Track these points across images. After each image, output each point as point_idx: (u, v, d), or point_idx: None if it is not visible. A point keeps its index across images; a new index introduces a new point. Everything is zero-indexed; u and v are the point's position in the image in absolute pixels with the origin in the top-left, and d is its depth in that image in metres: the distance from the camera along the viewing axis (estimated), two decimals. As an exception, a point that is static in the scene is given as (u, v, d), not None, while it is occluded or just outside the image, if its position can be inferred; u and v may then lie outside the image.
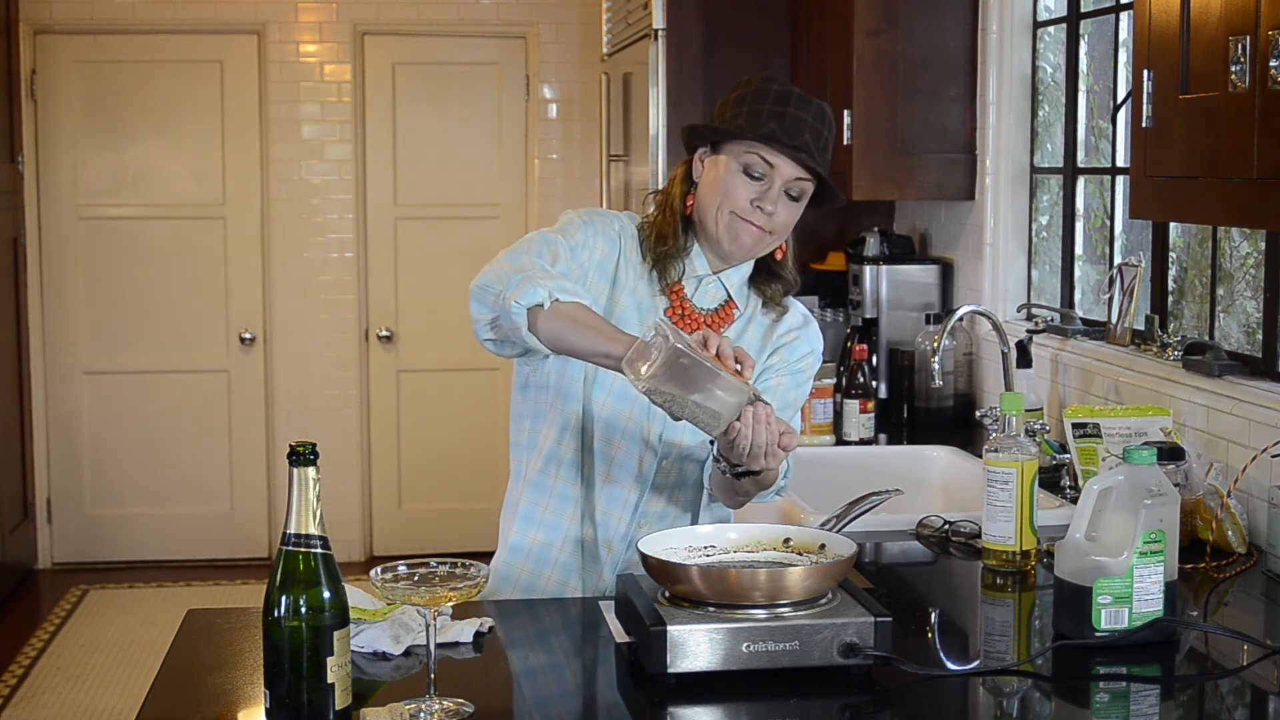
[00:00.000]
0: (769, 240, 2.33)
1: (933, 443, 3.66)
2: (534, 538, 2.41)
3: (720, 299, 2.40)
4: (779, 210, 2.29)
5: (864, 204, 4.49)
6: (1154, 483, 2.09)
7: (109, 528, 6.40)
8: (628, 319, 2.33)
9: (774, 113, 2.27)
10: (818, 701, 1.88)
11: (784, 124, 2.26)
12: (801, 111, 2.27)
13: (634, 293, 2.36)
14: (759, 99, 2.29)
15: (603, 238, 2.35)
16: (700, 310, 2.38)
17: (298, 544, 1.73)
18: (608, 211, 2.43)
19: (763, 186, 2.28)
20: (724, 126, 2.29)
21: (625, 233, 2.39)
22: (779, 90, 2.29)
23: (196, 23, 6.25)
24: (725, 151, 2.30)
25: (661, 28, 4.51)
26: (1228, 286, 3.15)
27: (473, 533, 6.29)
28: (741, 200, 2.28)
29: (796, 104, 2.28)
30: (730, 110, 2.31)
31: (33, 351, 6.26)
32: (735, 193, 2.28)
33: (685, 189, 2.37)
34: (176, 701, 1.91)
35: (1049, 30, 3.91)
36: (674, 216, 2.35)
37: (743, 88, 2.33)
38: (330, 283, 6.39)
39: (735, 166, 2.28)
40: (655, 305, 2.36)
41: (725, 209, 2.29)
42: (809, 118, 2.28)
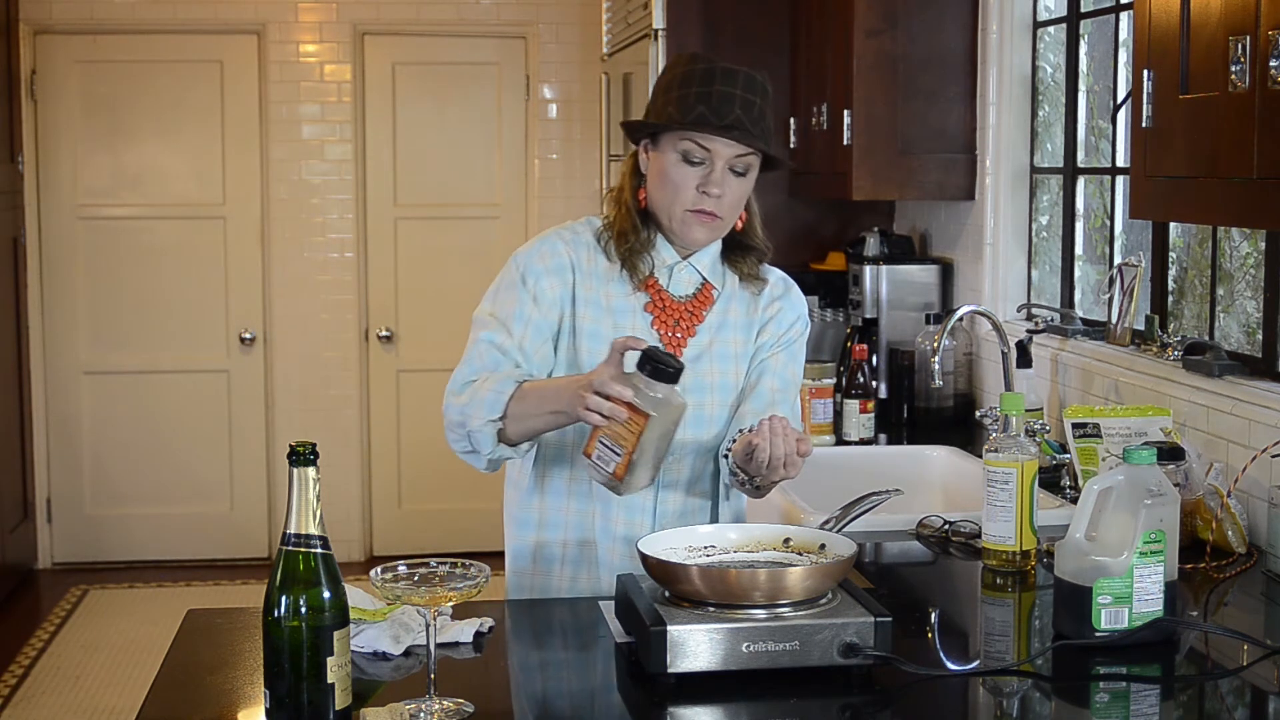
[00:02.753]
0: (722, 224, 2.34)
1: (933, 443, 3.65)
2: (554, 546, 2.40)
3: (696, 283, 2.41)
4: (726, 190, 2.30)
5: (864, 204, 4.49)
6: (1154, 483, 2.09)
7: (109, 528, 6.40)
8: (600, 331, 2.34)
9: (700, 95, 2.26)
10: (818, 701, 1.88)
11: (711, 104, 2.25)
12: (728, 87, 2.26)
13: (603, 299, 2.36)
14: (685, 83, 2.28)
15: (548, 274, 2.34)
16: (679, 298, 2.39)
17: (298, 544, 1.73)
18: (552, 235, 2.40)
19: (705, 170, 2.29)
20: (655, 120, 2.30)
21: (579, 245, 2.38)
22: (703, 70, 2.29)
23: (196, 23, 6.25)
24: (663, 142, 2.31)
25: (661, 28, 4.51)
26: (1228, 286, 3.15)
27: (473, 533, 6.28)
28: (688, 191, 2.29)
29: (722, 80, 2.27)
30: (660, 99, 2.32)
31: (33, 351, 6.26)
32: (681, 184, 2.29)
33: (635, 183, 2.38)
34: (176, 701, 1.91)
35: (1049, 30, 3.91)
36: (630, 213, 2.36)
37: (669, 73, 2.33)
38: (330, 283, 6.39)
39: (675, 156, 2.29)
40: (634, 303, 2.37)
41: (676, 205, 2.31)
42: (737, 91, 2.26)
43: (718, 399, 2.38)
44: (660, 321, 2.37)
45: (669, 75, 2.33)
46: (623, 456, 2.04)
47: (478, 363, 2.32)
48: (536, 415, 2.20)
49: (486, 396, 2.23)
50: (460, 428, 2.27)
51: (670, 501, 2.39)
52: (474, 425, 2.23)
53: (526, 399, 2.21)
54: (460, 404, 2.28)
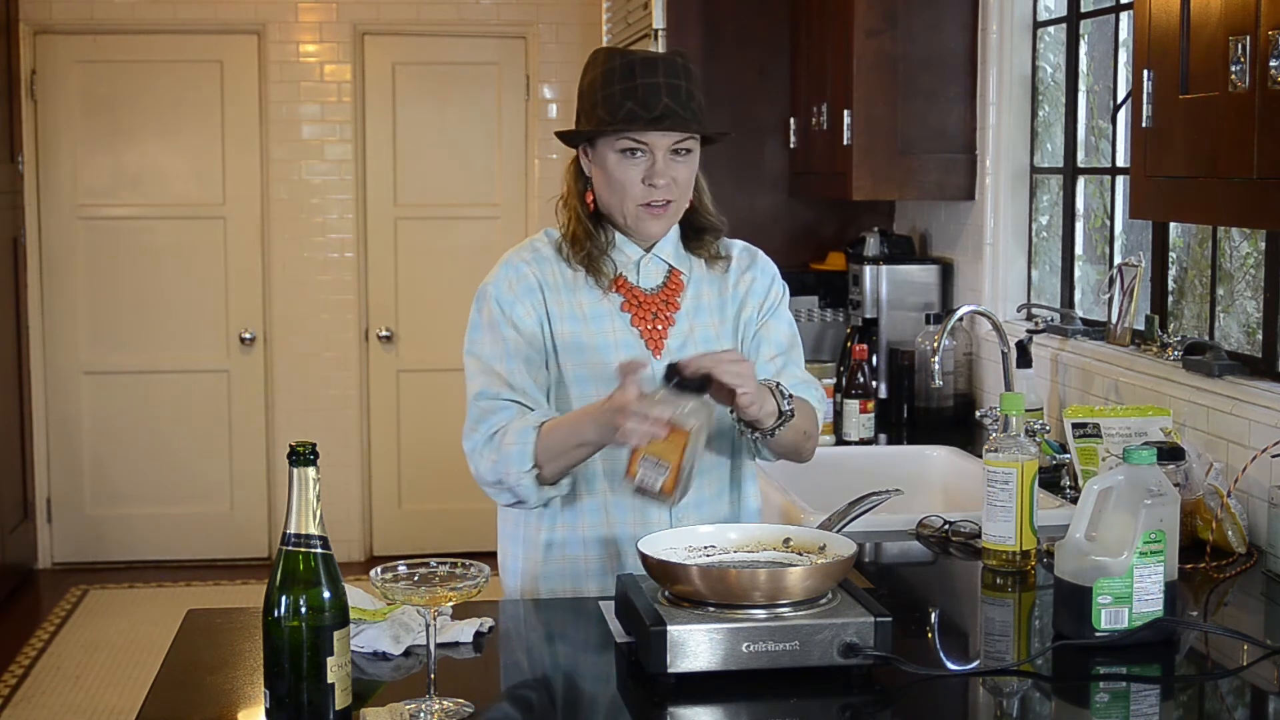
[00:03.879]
0: (676, 209, 2.36)
1: (933, 443, 3.65)
2: (575, 559, 2.39)
3: (663, 272, 2.42)
4: (673, 174, 2.31)
5: (864, 204, 4.49)
6: (1154, 483, 2.09)
7: (109, 528, 6.40)
8: (582, 342, 2.34)
9: (625, 91, 2.28)
10: (818, 701, 1.88)
11: (638, 98, 2.27)
12: (649, 78, 2.28)
13: (577, 309, 2.36)
14: (607, 82, 2.30)
15: (519, 301, 2.35)
16: (649, 290, 2.40)
17: (298, 544, 1.73)
18: (514, 259, 2.39)
19: (647, 162, 2.30)
20: (587, 124, 2.32)
21: (541, 262, 2.38)
22: (622, 65, 2.30)
23: (196, 23, 6.25)
24: (601, 144, 2.32)
25: (661, 28, 4.51)
26: (1228, 286, 3.15)
27: (473, 533, 6.28)
28: (635, 186, 2.31)
29: (642, 72, 2.29)
30: (587, 103, 2.33)
31: (33, 351, 6.26)
32: (626, 181, 2.31)
33: (581, 187, 2.39)
34: (176, 701, 1.91)
35: (1049, 30, 3.91)
36: (581, 218, 2.37)
37: (589, 74, 2.35)
38: (330, 283, 6.39)
39: (615, 156, 2.31)
40: (608, 306, 2.37)
41: (628, 203, 2.32)
42: (659, 79, 2.28)
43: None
44: (638, 318, 2.38)
45: (589, 76, 2.34)
46: (669, 472, 2.10)
47: (485, 421, 2.32)
48: (566, 452, 2.25)
49: (513, 451, 2.26)
50: (500, 485, 2.30)
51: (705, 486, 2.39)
52: (512, 481, 2.27)
53: (552, 439, 2.24)
54: (491, 464, 2.29)
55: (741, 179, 4.56)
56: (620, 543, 2.38)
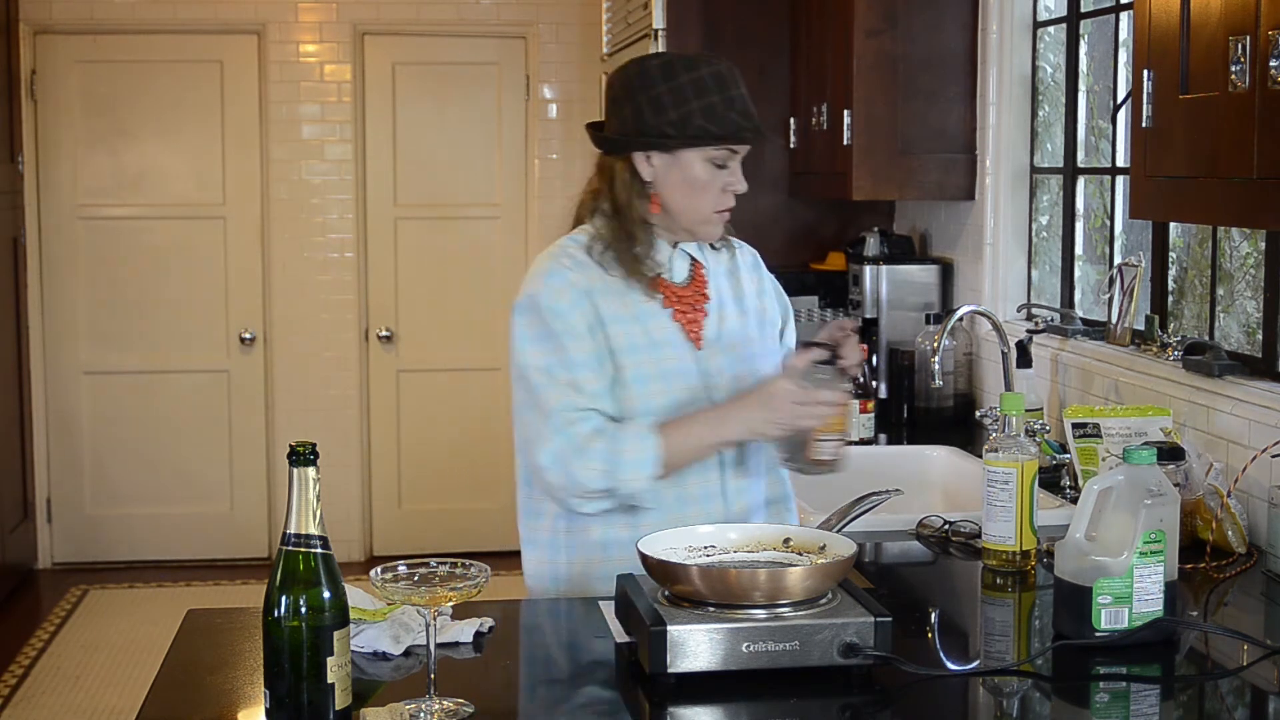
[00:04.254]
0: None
1: (933, 443, 3.65)
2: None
3: (688, 264, 2.46)
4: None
5: (864, 204, 4.49)
6: (1154, 483, 2.09)
7: (109, 528, 6.40)
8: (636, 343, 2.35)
9: (725, 102, 2.31)
10: (818, 701, 1.88)
11: (740, 110, 2.32)
12: (737, 87, 2.33)
13: (625, 310, 2.36)
14: (700, 92, 2.30)
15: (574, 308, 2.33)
16: (681, 284, 2.44)
17: (298, 544, 1.73)
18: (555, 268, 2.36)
19: (730, 173, 2.36)
20: (685, 135, 2.29)
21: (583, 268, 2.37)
22: (711, 74, 2.31)
23: (196, 23, 6.25)
24: (686, 151, 2.32)
25: (661, 28, 4.51)
26: (1228, 286, 3.15)
27: (473, 533, 6.29)
28: (716, 195, 2.36)
29: (731, 81, 2.33)
30: (674, 111, 2.29)
31: (33, 351, 6.26)
32: (711, 188, 2.35)
33: (640, 190, 2.36)
34: (176, 701, 1.91)
35: (1049, 30, 3.91)
36: (636, 224, 2.36)
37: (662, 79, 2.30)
38: (330, 283, 6.39)
39: (704, 164, 2.34)
40: (653, 305, 2.38)
41: (706, 208, 2.36)
42: (743, 89, 2.34)
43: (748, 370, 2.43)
44: (679, 313, 2.41)
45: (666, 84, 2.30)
46: (840, 440, 2.34)
47: (565, 433, 2.28)
48: (698, 452, 2.33)
49: (634, 459, 2.27)
50: (609, 494, 2.30)
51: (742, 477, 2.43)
52: (633, 487, 2.28)
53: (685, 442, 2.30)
54: (600, 473, 2.28)
55: (741, 179, 4.55)
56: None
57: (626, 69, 2.37)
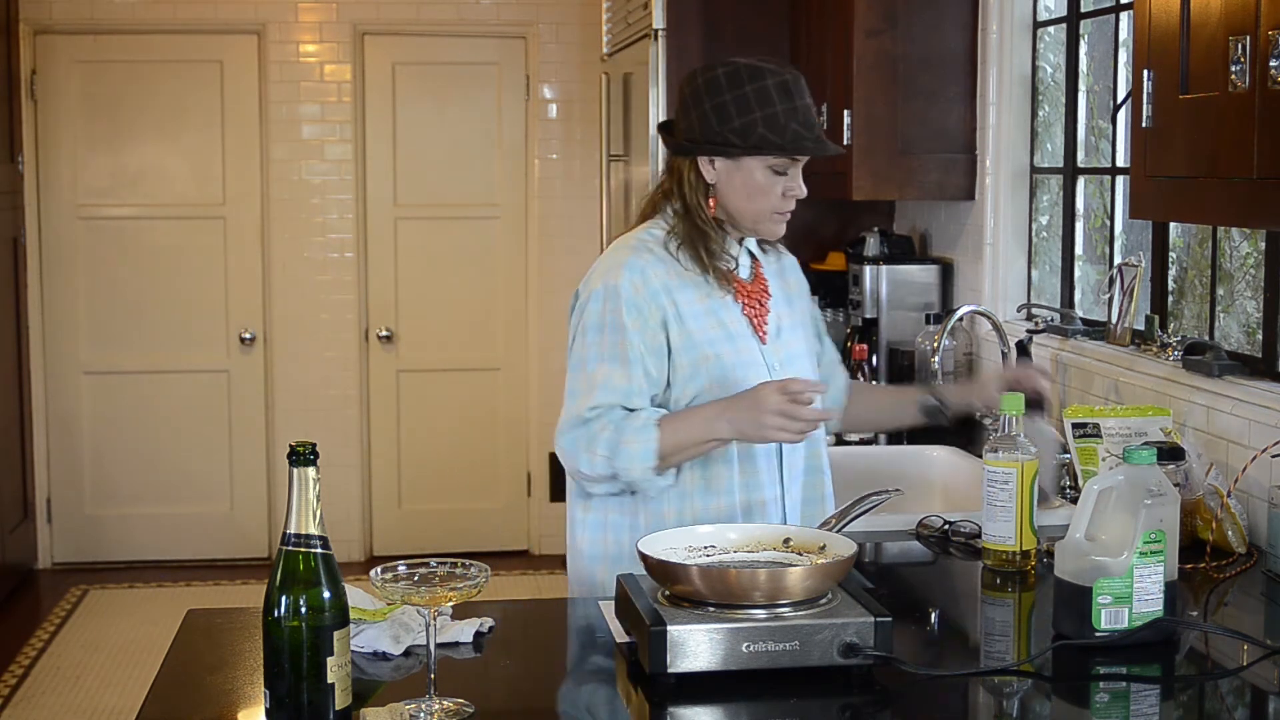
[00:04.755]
0: None
1: (933, 443, 3.65)
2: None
3: (749, 262, 2.55)
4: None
5: (864, 204, 4.49)
6: (1154, 483, 2.09)
7: (109, 528, 6.40)
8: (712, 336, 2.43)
9: (788, 113, 2.38)
10: (818, 701, 1.88)
11: (801, 120, 2.39)
12: (802, 97, 2.41)
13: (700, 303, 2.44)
14: (764, 101, 2.38)
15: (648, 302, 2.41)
16: (747, 280, 2.53)
17: (298, 544, 1.73)
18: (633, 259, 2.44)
19: (791, 179, 2.44)
20: (749, 144, 2.38)
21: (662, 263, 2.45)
22: (776, 84, 2.38)
23: (196, 23, 6.25)
24: (749, 159, 2.41)
25: (661, 28, 4.51)
26: (1228, 286, 3.15)
27: (473, 533, 6.29)
28: (776, 199, 2.44)
29: (795, 91, 2.40)
30: (739, 120, 2.38)
31: (33, 351, 6.26)
32: (770, 193, 2.44)
33: (704, 191, 2.46)
34: (176, 701, 1.91)
35: (1049, 30, 3.91)
36: (708, 222, 2.46)
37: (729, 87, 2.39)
38: (330, 283, 6.39)
39: (764, 171, 2.42)
40: (725, 300, 2.47)
41: (765, 210, 2.45)
42: (808, 99, 2.41)
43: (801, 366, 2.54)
44: (749, 307, 2.50)
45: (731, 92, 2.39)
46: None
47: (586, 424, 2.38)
48: (692, 448, 2.37)
49: (635, 450, 2.34)
50: (613, 479, 2.38)
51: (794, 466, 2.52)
52: (633, 476, 2.35)
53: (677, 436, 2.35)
54: (604, 459, 2.36)
55: (741, 179, 4.55)
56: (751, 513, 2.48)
57: (695, 75, 2.46)
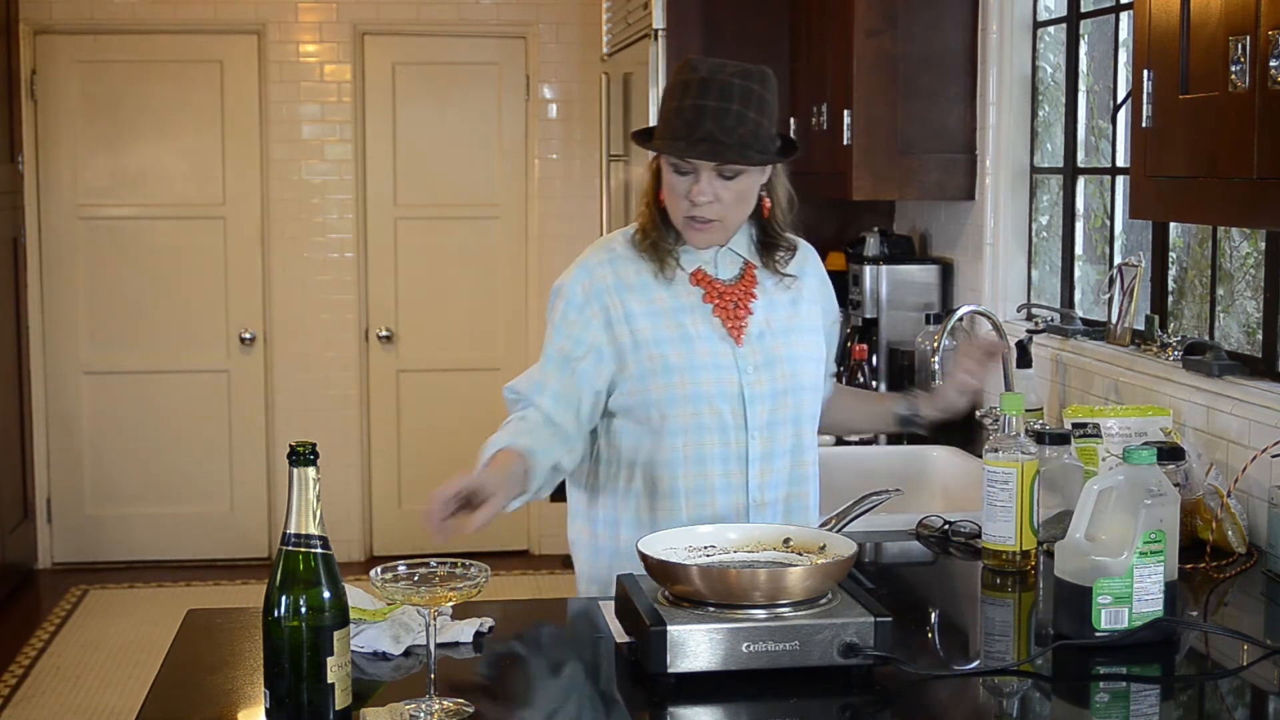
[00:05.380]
0: (722, 226, 2.40)
1: (933, 443, 3.65)
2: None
3: (739, 264, 2.48)
4: (716, 193, 2.34)
5: (864, 204, 4.48)
6: (1154, 483, 2.09)
7: (109, 528, 6.40)
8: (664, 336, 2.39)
9: (678, 110, 2.31)
10: (818, 701, 1.88)
11: (686, 120, 2.30)
12: (701, 99, 2.29)
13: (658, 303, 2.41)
14: (670, 96, 2.35)
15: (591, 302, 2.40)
16: (726, 281, 2.46)
17: (298, 544, 1.73)
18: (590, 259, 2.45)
19: (690, 181, 2.34)
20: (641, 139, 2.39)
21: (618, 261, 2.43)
22: (683, 81, 2.33)
23: (196, 23, 6.25)
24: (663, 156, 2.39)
25: (661, 28, 4.51)
26: (1228, 286, 3.15)
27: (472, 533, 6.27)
28: (680, 201, 2.37)
29: (699, 92, 2.30)
30: (659, 111, 2.39)
31: (33, 351, 6.26)
32: (676, 194, 2.37)
33: (657, 186, 2.44)
34: (176, 701, 1.91)
35: (1049, 30, 3.91)
36: (654, 216, 2.42)
37: (670, 80, 2.38)
38: (330, 283, 6.39)
39: (669, 167, 2.37)
40: (691, 300, 2.42)
41: (677, 214, 2.39)
42: (709, 102, 2.29)
43: (788, 370, 2.45)
44: (719, 308, 2.44)
45: (669, 83, 2.39)
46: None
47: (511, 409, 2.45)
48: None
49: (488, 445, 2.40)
50: None
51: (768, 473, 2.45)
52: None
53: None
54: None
55: (741, 179, 4.55)
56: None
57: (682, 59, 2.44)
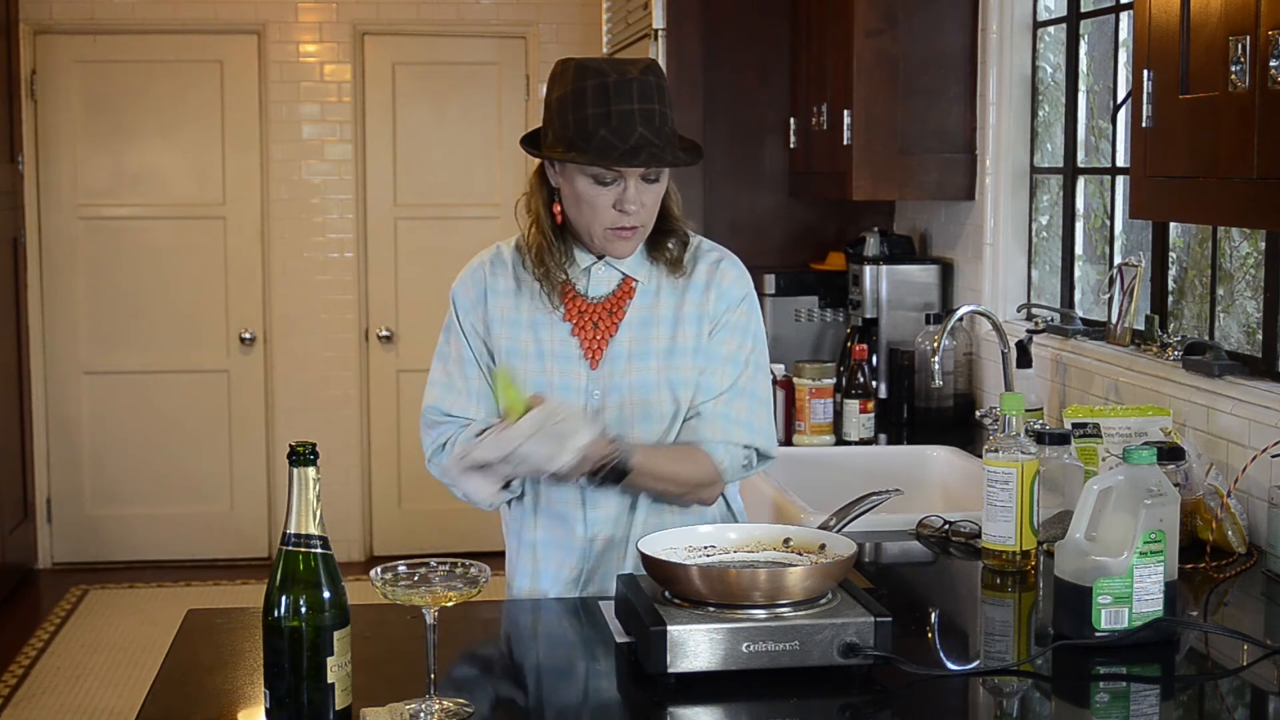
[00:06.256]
0: (645, 230, 2.31)
1: (933, 443, 3.65)
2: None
3: (615, 279, 2.36)
4: (643, 200, 2.25)
5: (864, 204, 4.49)
6: (1154, 483, 2.09)
7: (109, 528, 6.40)
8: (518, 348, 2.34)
9: (599, 117, 2.18)
10: (818, 701, 1.88)
11: (612, 127, 2.18)
12: (624, 104, 2.18)
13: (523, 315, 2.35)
14: (579, 103, 2.20)
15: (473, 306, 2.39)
16: (595, 299, 2.35)
17: (298, 544, 1.73)
18: (476, 261, 2.44)
19: (618, 190, 2.24)
20: (558, 149, 2.23)
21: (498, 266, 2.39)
22: (595, 86, 2.19)
23: (196, 23, 6.25)
24: (571, 165, 2.25)
25: (661, 28, 4.51)
26: (1228, 286, 3.15)
27: (472, 533, 6.28)
28: (605, 213, 2.25)
29: (617, 96, 2.18)
30: (556, 120, 2.23)
31: (33, 351, 6.26)
32: (597, 206, 2.25)
33: (547, 196, 2.34)
34: (176, 701, 1.91)
35: (1049, 30, 3.91)
36: (545, 231, 2.33)
37: (558, 87, 2.24)
38: (330, 283, 6.39)
39: (585, 180, 2.24)
40: (552, 315, 2.34)
41: (596, 225, 2.27)
42: (634, 105, 2.18)
43: (638, 399, 2.33)
44: (579, 328, 2.34)
45: (558, 91, 2.24)
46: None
47: (433, 431, 2.37)
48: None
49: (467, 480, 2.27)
50: (455, 488, 2.29)
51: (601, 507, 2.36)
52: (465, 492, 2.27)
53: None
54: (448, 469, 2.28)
55: (741, 179, 4.55)
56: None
57: (555, 68, 2.30)
